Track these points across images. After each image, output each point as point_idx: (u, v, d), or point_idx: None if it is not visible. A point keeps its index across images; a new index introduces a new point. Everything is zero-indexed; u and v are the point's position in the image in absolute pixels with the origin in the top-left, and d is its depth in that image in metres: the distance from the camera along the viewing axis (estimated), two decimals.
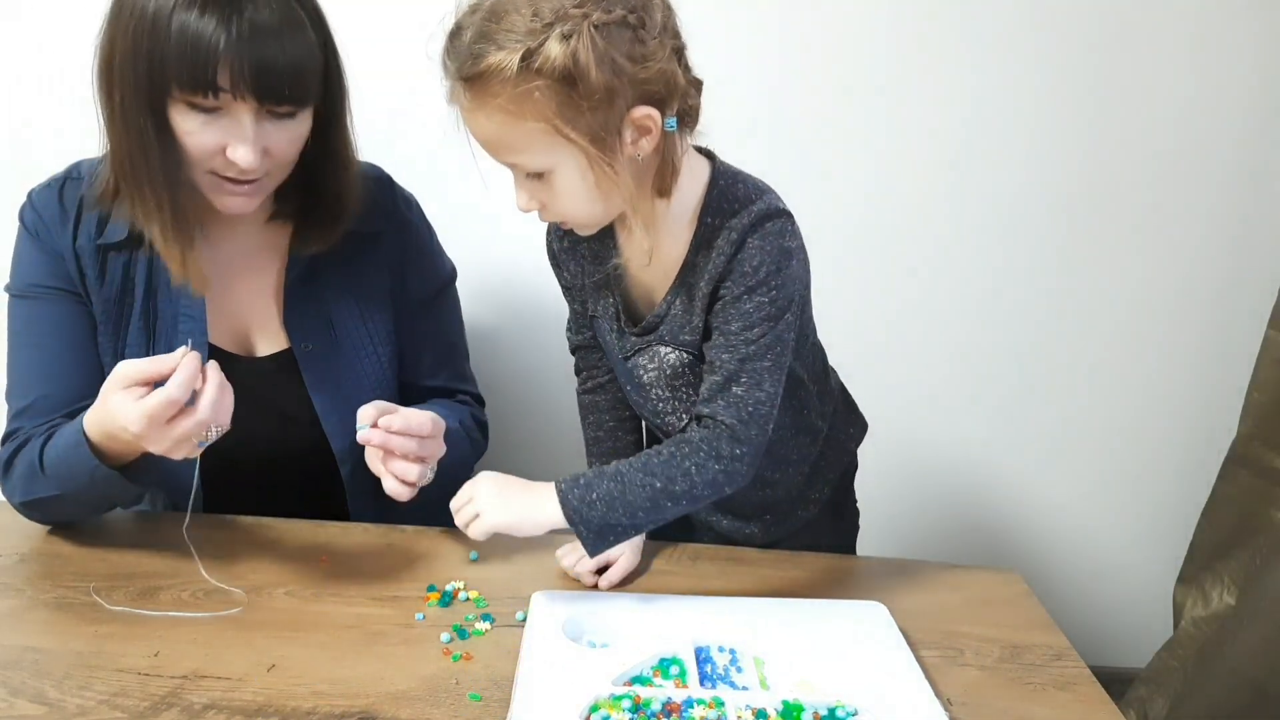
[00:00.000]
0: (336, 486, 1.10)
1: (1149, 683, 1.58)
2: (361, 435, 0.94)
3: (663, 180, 0.88)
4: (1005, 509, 1.74)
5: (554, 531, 1.08)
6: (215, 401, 0.82)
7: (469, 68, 0.78)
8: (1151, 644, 1.63)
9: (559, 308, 1.11)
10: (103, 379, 1.00)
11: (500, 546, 1.05)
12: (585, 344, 1.09)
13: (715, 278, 0.90)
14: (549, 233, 1.05)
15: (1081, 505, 1.73)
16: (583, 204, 0.86)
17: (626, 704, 0.76)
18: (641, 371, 1.00)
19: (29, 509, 0.99)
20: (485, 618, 0.90)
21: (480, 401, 1.24)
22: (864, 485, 1.20)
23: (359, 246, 1.09)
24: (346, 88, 1.00)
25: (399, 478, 0.96)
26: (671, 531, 1.07)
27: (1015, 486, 1.73)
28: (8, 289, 1.02)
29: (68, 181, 1.01)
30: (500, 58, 0.76)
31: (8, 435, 1.00)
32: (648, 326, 0.97)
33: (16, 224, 1.02)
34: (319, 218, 1.04)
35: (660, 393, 1.01)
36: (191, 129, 0.89)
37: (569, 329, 1.11)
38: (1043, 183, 1.53)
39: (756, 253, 0.88)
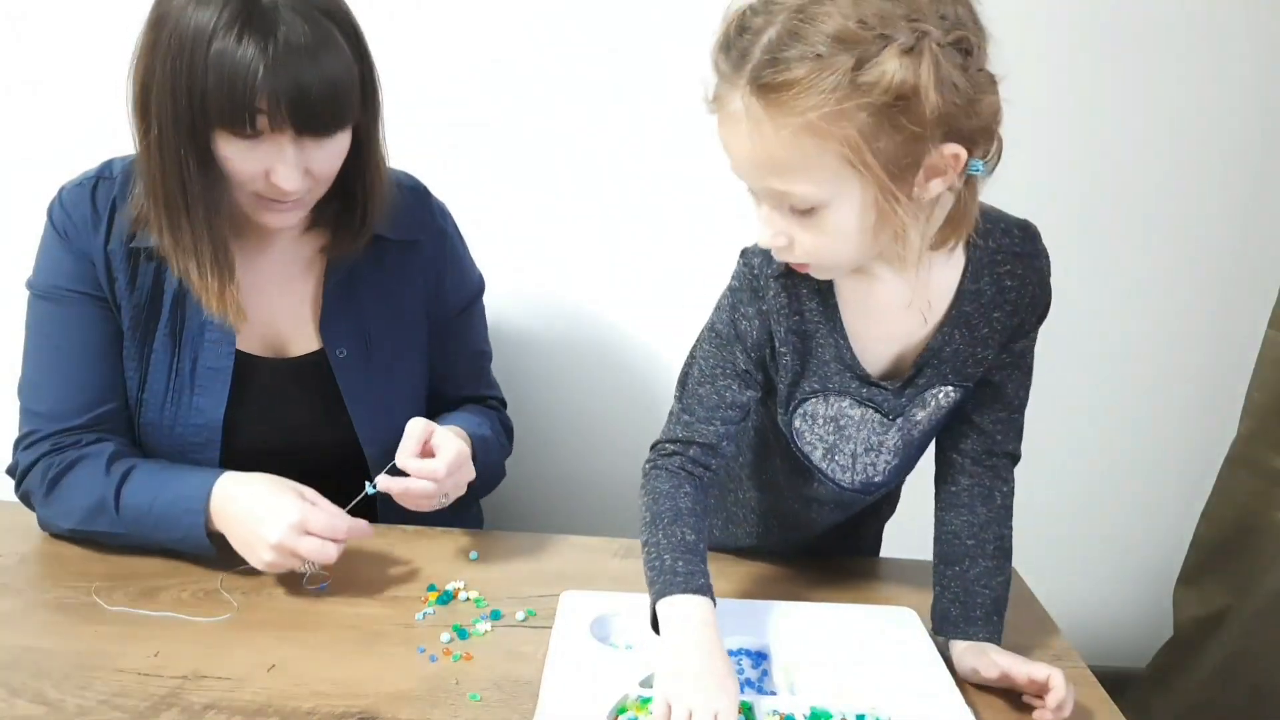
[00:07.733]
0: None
1: (1149, 683, 1.58)
2: (382, 484, 0.96)
3: (952, 230, 0.76)
4: None
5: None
6: (338, 528, 0.91)
7: (771, 74, 0.65)
8: (1151, 644, 1.63)
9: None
10: (123, 385, 1.01)
11: (500, 547, 1.05)
12: (710, 438, 0.88)
13: (1023, 306, 0.87)
14: (755, 296, 0.85)
15: (1082, 505, 1.73)
16: (846, 246, 0.73)
17: (652, 706, 0.75)
18: (911, 425, 0.90)
19: (75, 534, 0.98)
20: (487, 617, 0.91)
21: (503, 404, 1.25)
22: None
23: (397, 256, 1.09)
24: (381, 99, 0.98)
25: (417, 509, 0.98)
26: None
27: (1015, 486, 1.72)
28: (30, 285, 1.00)
29: (100, 181, 0.99)
30: (819, 67, 0.63)
31: (25, 438, 0.99)
32: (920, 365, 0.86)
33: (44, 219, 0.99)
34: (349, 224, 1.03)
35: (914, 448, 0.94)
36: (232, 155, 0.88)
37: (693, 416, 0.88)
38: (1041, 184, 1.52)
39: (1048, 278, 0.88)
